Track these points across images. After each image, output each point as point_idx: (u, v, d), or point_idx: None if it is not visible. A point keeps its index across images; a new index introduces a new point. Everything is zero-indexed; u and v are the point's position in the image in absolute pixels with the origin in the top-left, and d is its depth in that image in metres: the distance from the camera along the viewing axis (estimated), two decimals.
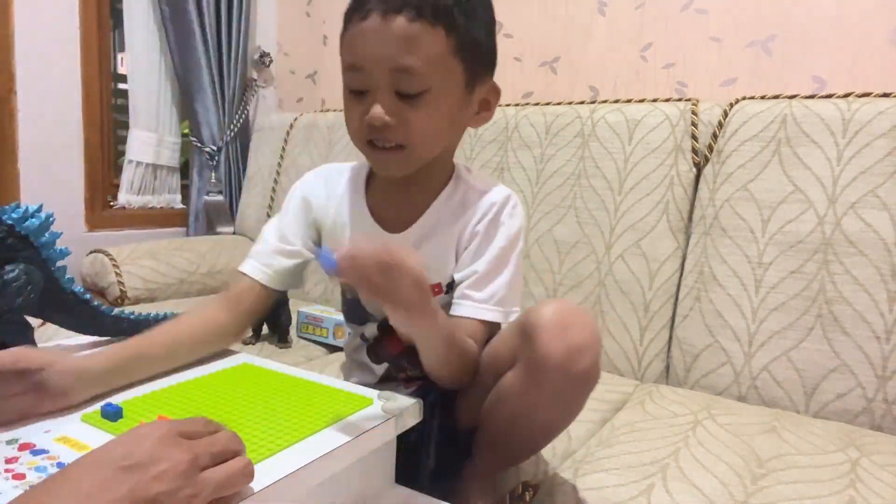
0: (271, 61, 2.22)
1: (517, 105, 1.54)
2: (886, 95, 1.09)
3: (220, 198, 2.06)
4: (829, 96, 1.14)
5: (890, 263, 1.01)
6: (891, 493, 0.76)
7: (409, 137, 0.72)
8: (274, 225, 0.87)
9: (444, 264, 0.81)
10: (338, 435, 0.58)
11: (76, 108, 1.77)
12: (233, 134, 2.09)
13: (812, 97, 1.15)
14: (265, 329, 1.36)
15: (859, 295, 1.02)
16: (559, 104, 1.48)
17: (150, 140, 1.95)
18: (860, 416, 1.00)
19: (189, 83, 1.97)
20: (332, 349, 1.34)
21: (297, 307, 1.43)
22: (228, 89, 2.05)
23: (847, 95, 1.12)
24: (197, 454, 0.43)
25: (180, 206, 2.09)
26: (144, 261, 1.62)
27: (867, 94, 1.11)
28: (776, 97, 1.19)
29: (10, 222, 0.75)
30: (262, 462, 0.52)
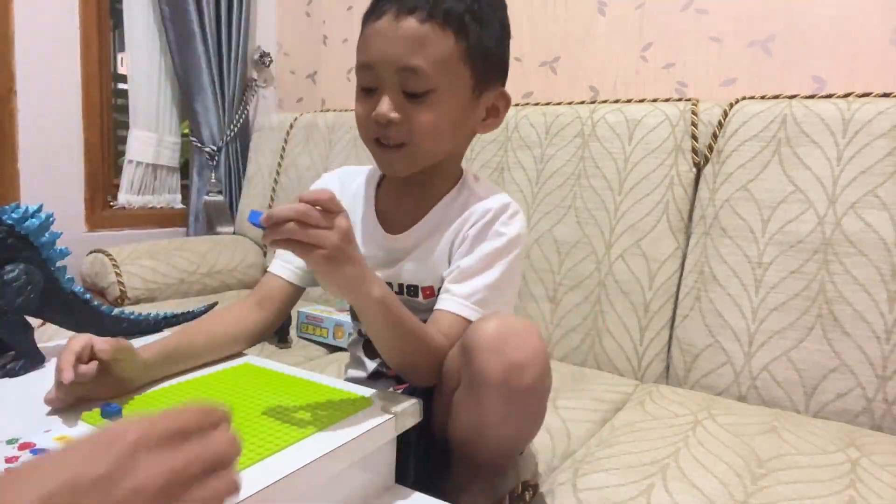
0: (271, 61, 2.22)
1: (517, 105, 1.54)
2: (886, 95, 1.09)
3: (220, 198, 2.06)
4: (829, 96, 1.14)
5: (890, 263, 1.01)
6: (891, 493, 0.76)
7: (412, 135, 0.73)
8: None
9: (438, 267, 0.81)
10: (338, 435, 0.58)
11: (76, 108, 1.77)
12: (233, 134, 2.09)
13: (812, 97, 1.15)
14: None
15: (859, 295, 1.02)
16: (559, 104, 1.48)
17: (150, 140, 1.95)
18: (860, 416, 1.00)
19: (189, 83, 1.97)
20: (332, 349, 1.34)
21: (297, 307, 1.42)
22: (228, 89, 2.05)
23: (847, 95, 1.13)
24: (181, 465, 0.33)
25: (180, 206, 2.09)
26: (144, 261, 1.62)
27: (867, 94, 1.11)
28: (776, 97, 1.19)
29: (10, 222, 0.75)
30: (263, 462, 0.52)
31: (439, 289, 0.81)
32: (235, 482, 0.36)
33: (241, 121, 2.11)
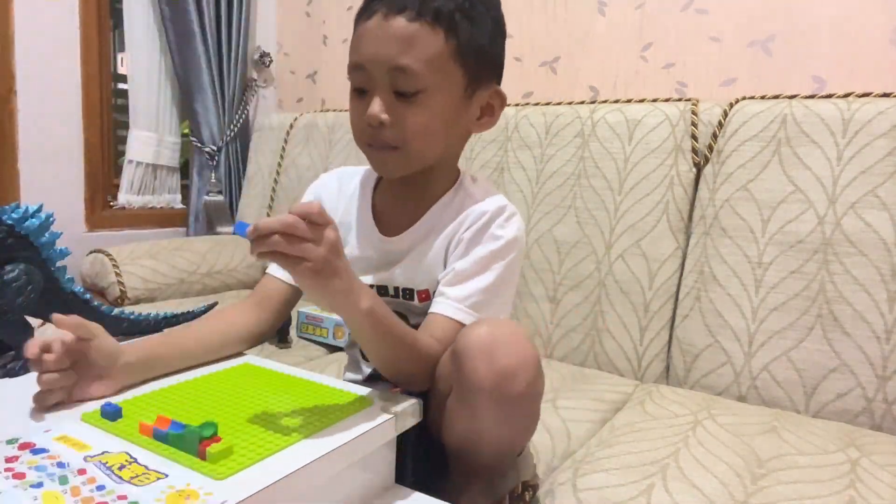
0: (271, 61, 2.22)
1: (517, 105, 1.54)
2: (886, 95, 1.09)
3: (220, 198, 2.06)
4: (829, 96, 1.14)
5: (890, 263, 1.01)
6: (891, 493, 0.76)
7: (404, 136, 0.73)
8: None
9: (433, 270, 0.80)
10: (338, 435, 0.58)
11: (76, 108, 1.77)
12: (233, 134, 2.09)
13: (812, 97, 1.15)
14: None
15: (859, 295, 1.02)
16: (559, 104, 1.48)
17: (150, 140, 1.95)
18: (860, 416, 1.00)
19: (189, 83, 1.97)
20: (332, 349, 1.34)
21: (297, 307, 1.42)
22: (228, 89, 2.05)
23: (847, 95, 1.13)
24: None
25: (180, 206, 2.09)
26: (144, 261, 1.62)
27: (867, 94, 1.11)
28: (776, 97, 1.19)
29: (10, 222, 0.75)
30: (263, 462, 0.52)
31: (435, 292, 0.81)
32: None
33: (241, 121, 2.11)
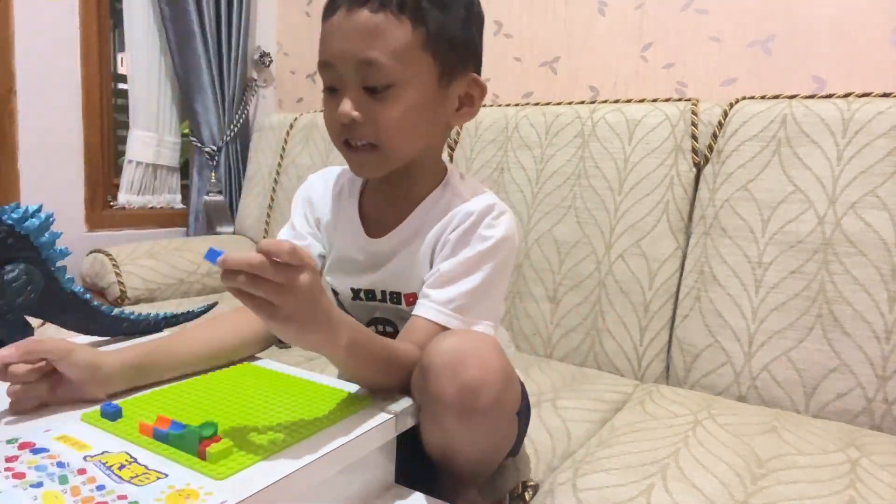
0: (271, 61, 2.22)
1: (517, 105, 1.54)
2: (886, 95, 1.09)
3: (220, 198, 2.06)
4: (829, 96, 1.14)
5: (890, 263, 1.01)
6: (891, 493, 0.76)
7: (379, 134, 0.70)
8: (287, 231, 0.87)
9: (421, 272, 0.77)
10: (338, 435, 0.58)
11: (76, 108, 1.77)
12: (233, 134, 2.09)
13: (812, 97, 1.15)
14: None
15: (859, 295, 1.02)
16: (559, 104, 1.48)
17: (150, 140, 1.95)
18: (860, 416, 1.00)
19: (189, 83, 1.97)
20: None
21: None
22: (228, 89, 2.05)
23: (847, 95, 1.12)
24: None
25: (180, 206, 2.09)
26: (144, 261, 1.62)
27: (867, 94, 1.11)
28: (776, 97, 1.19)
29: (10, 222, 0.75)
30: (263, 462, 0.52)
31: None
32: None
33: (241, 121, 2.11)
